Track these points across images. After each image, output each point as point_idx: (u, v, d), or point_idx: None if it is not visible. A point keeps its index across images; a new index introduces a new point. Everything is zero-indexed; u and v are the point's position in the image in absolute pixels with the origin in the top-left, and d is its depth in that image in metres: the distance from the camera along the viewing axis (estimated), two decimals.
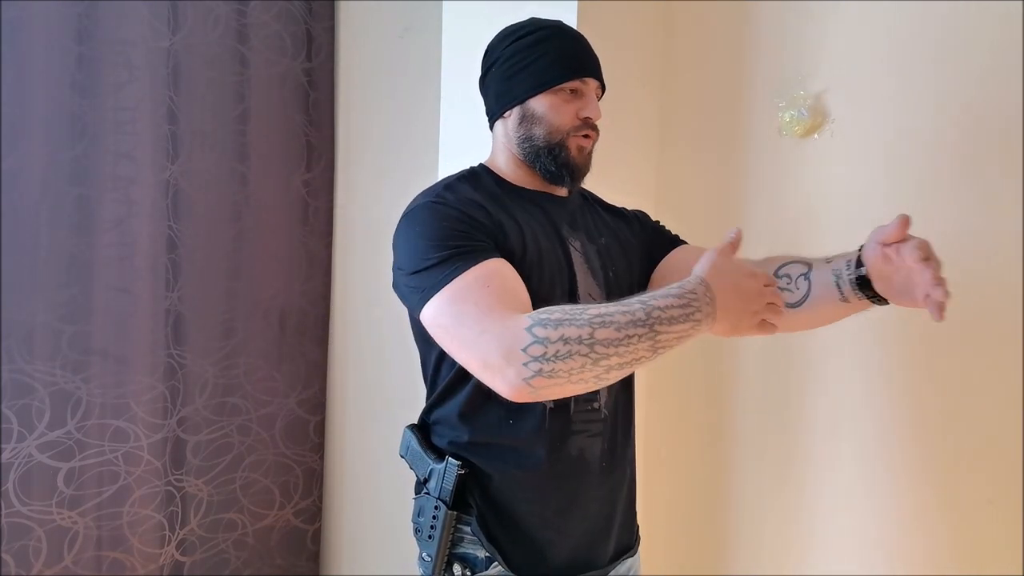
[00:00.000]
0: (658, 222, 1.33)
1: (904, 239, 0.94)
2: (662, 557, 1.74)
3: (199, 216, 2.22)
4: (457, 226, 1.01)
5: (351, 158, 2.48)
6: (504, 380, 0.91)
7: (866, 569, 1.46)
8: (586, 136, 1.14)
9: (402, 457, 1.18)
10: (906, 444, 1.42)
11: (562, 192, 1.20)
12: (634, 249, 1.24)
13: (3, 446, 1.93)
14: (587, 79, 1.14)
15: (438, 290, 0.97)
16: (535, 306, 0.98)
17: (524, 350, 0.89)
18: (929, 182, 1.39)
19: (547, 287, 1.07)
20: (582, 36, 1.17)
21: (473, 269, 0.96)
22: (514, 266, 1.03)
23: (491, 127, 1.21)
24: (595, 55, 1.18)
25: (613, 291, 1.14)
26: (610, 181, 1.34)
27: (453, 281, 0.96)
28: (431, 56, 2.04)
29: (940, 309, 0.92)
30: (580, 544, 1.11)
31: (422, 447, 1.13)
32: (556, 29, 1.16)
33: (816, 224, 1.54)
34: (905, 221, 0.94)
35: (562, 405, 1.08)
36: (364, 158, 2.43)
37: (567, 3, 1.55)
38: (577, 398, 1.09)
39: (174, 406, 2.20)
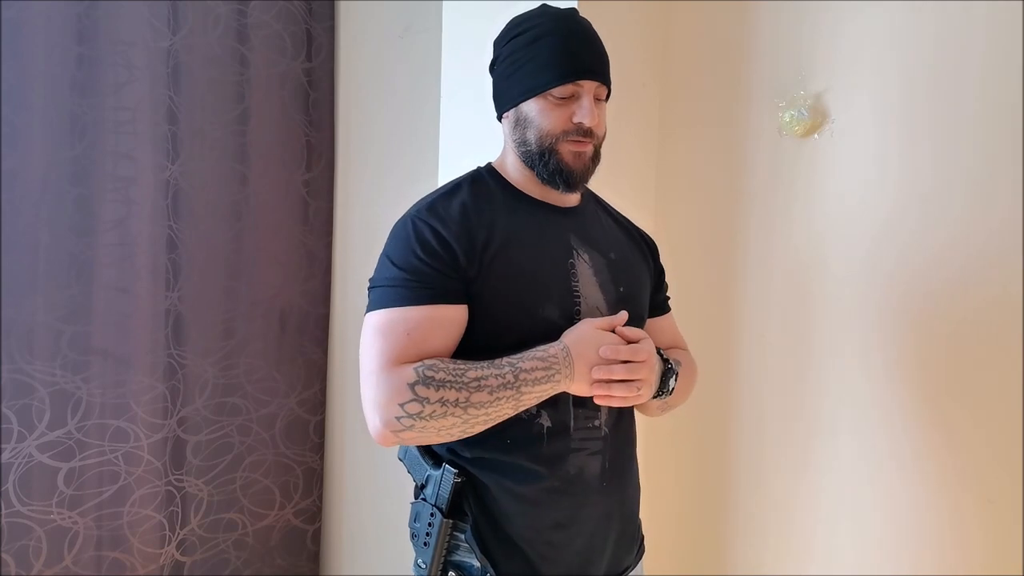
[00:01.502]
0: (663, 271, 1.33)
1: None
2: (665, 557, 1.74)
3: (199, 216, 2.22)
4: (421, 255, 1.03)
5: (351, 158, 2.48)
6: (376, 425, 0.98)
7: (867, 569, 1.46)
8: (580, 142, 1.08)
9: (400, 460, 1.17)
10: (906, 445, 1.42)
11: (571, 201, 1.18)
12: (642, 269, 1.23)
13: (3, 446, 1.92)
14: (581, 82, 1.06)
15: (373, 310, 1.03)
16: (525, 322, 1.03)
17: (403, 405, 0.96)
18: (928, 181, 1.39)
19: (539, 302, 1.05)
20: (583, 32, 1.09)
21: (408, 309, 1.01)
22: (501, 282, 1.04)
23: (500, 121, 1.18)
24: (598, 52, 1.10)
25: (624, 306, 1.11)
26: (610, 181, 1.34)
27: (386, 311, 1.01)
28: (431, 56, 2.04)
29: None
30: (575, 560, 1.09)
31: (420, 452, 1.12)
32: (555, 25, 1.08)
33: (815, 224, 1.54)
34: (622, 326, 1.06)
35: (561, 425, 1.06)
36: (364, 158, 2.43)
37: (567, 3, 1.55)
38: (577, 415, 1.07)
39: (174, 406, 2.20)
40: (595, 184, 1.30)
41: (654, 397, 1.11)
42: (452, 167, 1.32)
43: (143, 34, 2.09)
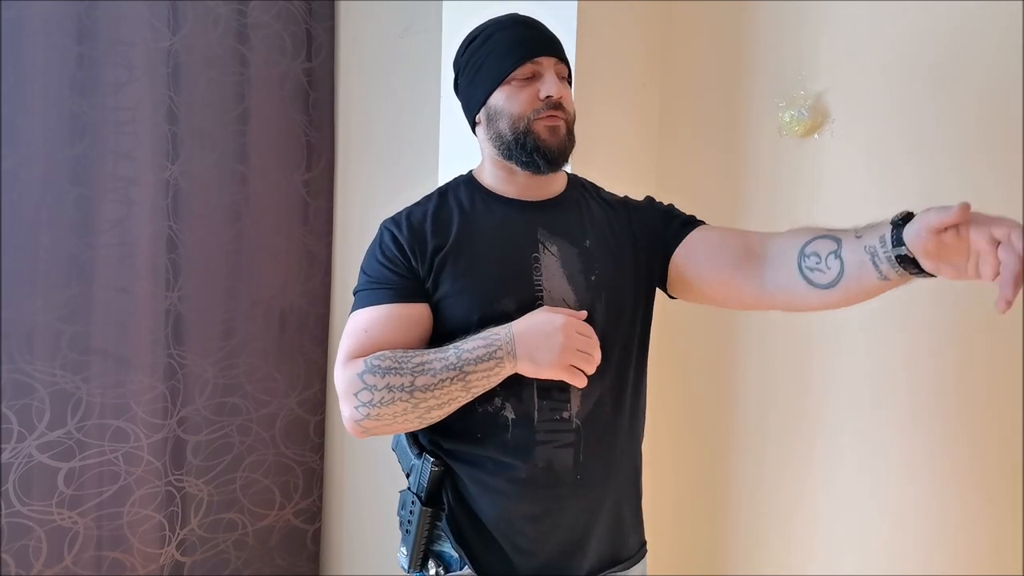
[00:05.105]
0: (670, 206, 1.25)
1: (964, 222, 0.86)
2: (665, 558, 1.74)
3: (199, 216, 2.22)
4: (381, 259, 1.11)
5: (351, 158, 2.48)
6: (344, 416, 1.06)
7: (867, 569, 1.46)
8: (551, 116, 1.09)
9: (393, 450, 1.20)
10: (906, 445, 1.42)
11: (548, 193, 1.18)
12: (628, 249, 1.17)
13: (3, 446, 1.92)
14: (539, 59, 1.10)
15: (349, 315, 1.12)
16: (480, 317, 1.06)
17: (356, 395, 1.03)
18: (928, 181, 1.39)
19: (494, 296, 1.08)
20: (533, 21, 1.14)
21: (369, 309, 1.09)
22: (454, 281, 1.08)
23: (475, 135, 1.20)
24: (549, 35, 1.13)
25: (597, 293, 1.11)
26: (610, 181, 1.33)
27: (354, 313, 1.11)
28: (431, 56, 2.04)
29: (1007, 304, 0.84)
30: (553, 554, 1.09)
31: (408, 442, 1.15)
32: (502, 23, 1.14)
33: (815, 223, 1.54)
34: (966, 209, 0.85)
35: (525, 416, 1.07)
36: (364, 158, 2.43)
37: (567, 3, 1.55)
38: (542, 407, 1.07)
39: (174, 406, 2.20)
40: (595, 182, 1.29)
41: (919, 272, 0.92)
42: (452, 167, 1.32)
43: (143, 34, 2.09)
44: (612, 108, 1.68)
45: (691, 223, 1.20)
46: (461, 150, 1.66)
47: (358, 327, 1.08)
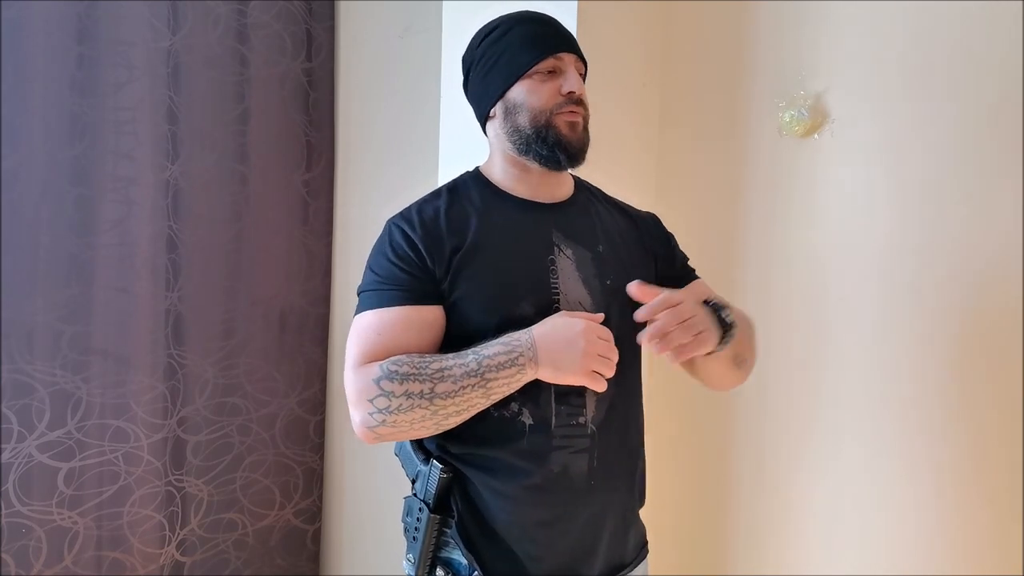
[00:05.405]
0: (671, 239, 1.27)
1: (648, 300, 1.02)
2: (668, 557, 1.74)
3: (199, 216, 2.22)
4: (392, 259, 1.07)
5: (351, 158, 2.48)
6: (355, 421, 1.03)
7: (867, 569, 1.46)
8: (572, 111, 1.09)
9: (396, 455, 1.18)
10: (907, 445, 1.42)
11: (560, 196, 1.17)
12: (637, 256, 1.19)
13: (3, 446, 1.92)
14: (560, 55, 1.10)
15: (356, 314, 1.09)
16: (498, 320, 1.04)
17: (371, 401, 1.00)
18: (928, 181, 1.39)
19: (512, 300, 1.06)
20: (550, 17, 1.14)
21: (380, 311, 1.05)
22: (471, 283, 1.06)
23: (485, 132, 1.19)
24: (567, 33, 1.13)
25: (612, 298, 1.11)
26: (610, 181, 1.33)
27: (362, 315, 1.07)
28: (431, 56, 2.04)
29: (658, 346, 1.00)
30: (564, 560, 1.08)
31: (413, 447, 1.13)
32: (521, 17, 1.13)
33: (815, 224, 1.55)
34: (635, 286, 1.05)
35: (543, 422, 1.06)
36: (364, 158, 2.43)
37: (567, 3, 1.55)
38: (559, 412, 1.06)
39: (174, 406, 2.20)
40: (596, 183, 1.30)
41: (720, 342, 1.07)
42: (452, 167, 1.32)
43: (143, 34, 2.09)
44: (612, 108, 1.68)
45: (690, 270, 1.28)
46: (461, 150, 1.67)
47: (369, 329, 1.05)
